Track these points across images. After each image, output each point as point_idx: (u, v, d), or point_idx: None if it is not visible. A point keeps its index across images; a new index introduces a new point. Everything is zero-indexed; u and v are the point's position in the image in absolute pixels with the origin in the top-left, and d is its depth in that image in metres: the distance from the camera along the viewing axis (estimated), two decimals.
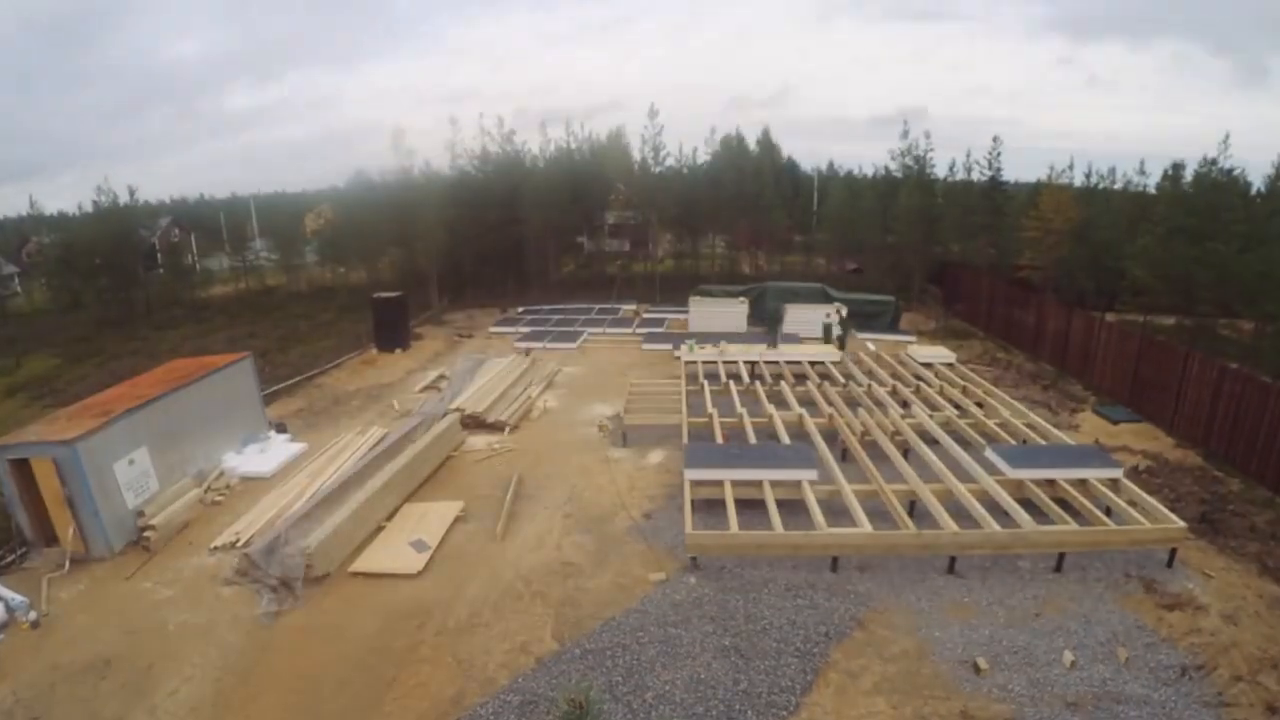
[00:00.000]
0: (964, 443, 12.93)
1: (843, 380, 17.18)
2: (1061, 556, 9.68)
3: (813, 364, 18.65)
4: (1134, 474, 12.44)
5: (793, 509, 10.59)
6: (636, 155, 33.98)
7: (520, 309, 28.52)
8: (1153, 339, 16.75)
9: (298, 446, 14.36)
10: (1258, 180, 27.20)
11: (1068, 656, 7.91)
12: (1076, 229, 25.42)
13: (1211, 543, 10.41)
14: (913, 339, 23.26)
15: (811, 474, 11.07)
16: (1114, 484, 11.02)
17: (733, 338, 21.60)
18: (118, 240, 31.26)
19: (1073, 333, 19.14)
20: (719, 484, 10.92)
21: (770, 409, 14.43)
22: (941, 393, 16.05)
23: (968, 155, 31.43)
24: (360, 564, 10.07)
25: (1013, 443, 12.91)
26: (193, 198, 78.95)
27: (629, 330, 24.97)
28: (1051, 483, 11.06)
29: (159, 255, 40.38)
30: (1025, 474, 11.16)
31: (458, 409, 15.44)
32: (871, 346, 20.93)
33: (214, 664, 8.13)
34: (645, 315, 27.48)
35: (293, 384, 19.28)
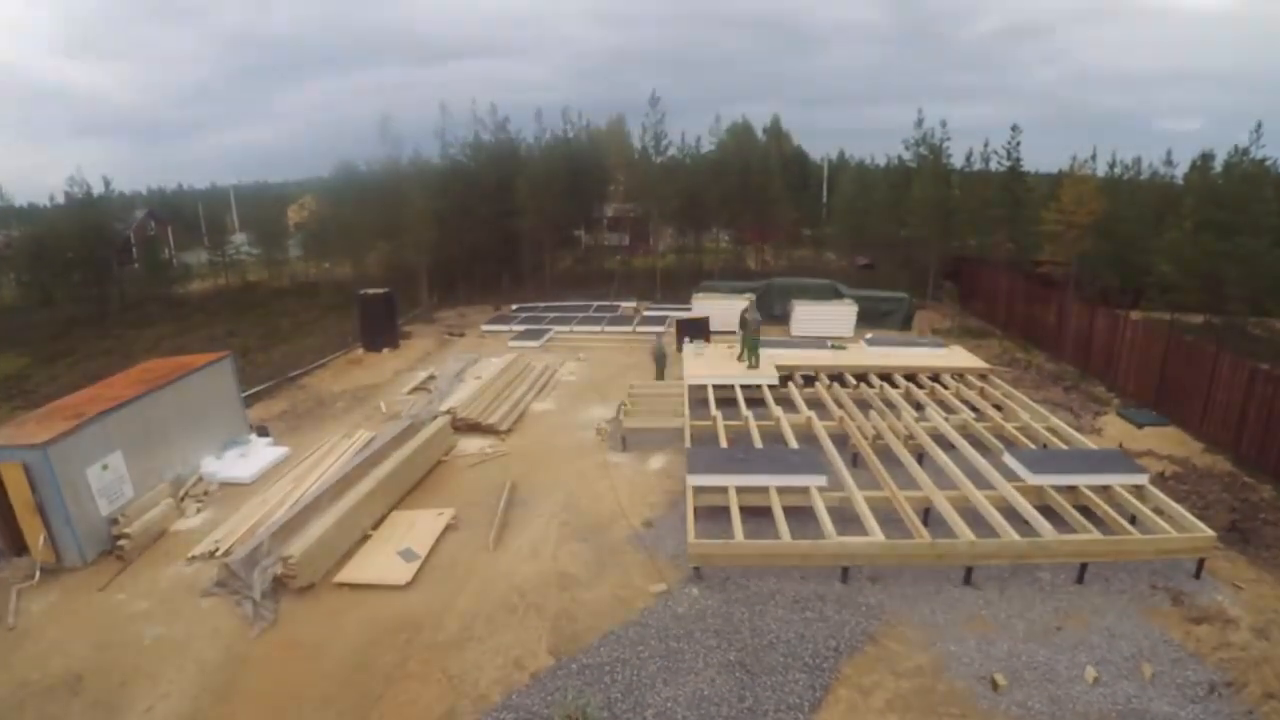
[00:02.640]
0: (981, 447, 12.94)
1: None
2: (1084, 567, 9.67)
3: None
4: (1160, 480, 12.43)
5: (801, 517, 10.59)
6: (637, 144, 34.06)
7: (514, 306, 28.51)
8: (1180, 338, 16.74)
9: (280, 451, 14.36)
10: None
11: (1090, 672, 7.91)
12: (1100, 222, 25.43)
13: (1242, 553, 10.40)
14: (933, 344, 22.86)
15: (820, 480, 11.07)
16: (1139, 491, 11.01)
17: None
18: (91, 233, 31.33)
19: (1096, 332, 19.13)
20: (723, 490, 10.92)
21: (777, 411, 14.43)
22: (958, 394, 16.04)
23: (985, 144, 31.44)
24: (346, 574, 10.07)
25: (1033, 447, 12.91)
26: (170, 188, 79.11)
27: (629, 329, 24.98)
28: (1073, 489, 11.06)
29: (134, 249, 40.45)
30: (1045, 480, 11.15)
31: (448, 411, 15.44)
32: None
33: (191, 680, 8.13)
34: (646, 313, 27.47)
35: (275, 385, 19.29)
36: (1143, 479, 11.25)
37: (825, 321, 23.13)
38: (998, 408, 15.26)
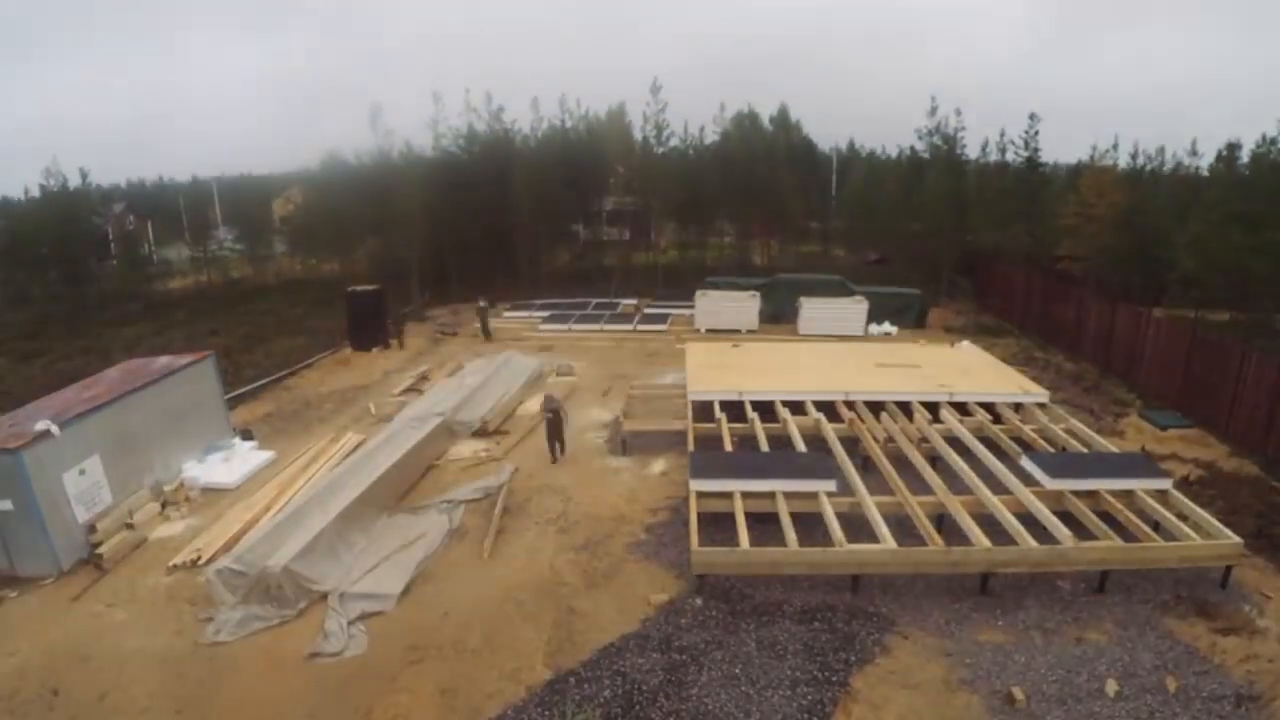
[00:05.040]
0: (997, 451, 12.93)
1: None
2: (1104, 575, 9.67)
3: None
4: (1184, 485, 12.42)
5: (809, 523, 10.59)
6: (638, 134, 34.03)
7: (508, 305, 28.51)
8: (1205, 336, 16.73)
9: (265, 455, 14.37)
10: None
11: (1111, 686, 7.91)
12: (1121, 215, 25.41)
13: (1270, 561, 10.39)
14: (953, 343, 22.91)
15: (830, 485, 11.07)
16: (1162, 496, 11.01)
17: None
18: (67, 228, 31.28)
19: (1117, 329, 19.12)
20: (728, 496, 10.91)
21: (784, 413, 14.40)
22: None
23: (1001, 134, 31.46)
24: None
25: (1051, 450, 12.90)
26: (150, 180, 79.06)
27: (629, 327, 25.02)
28: (1093, 494, 11.05)
29: (112, 245, 40.41)
30: (1065, 485, 11.14)
31: (441, 413, 15.44)
32: None
33: (172, 694, 8.13)
34: (646, 310, 27.50)
35: (259, 386, 19.29)
36: (1166, 484, 11.25)
37: (834, 319, 23.16)
38: (1015, 408, 15.23)
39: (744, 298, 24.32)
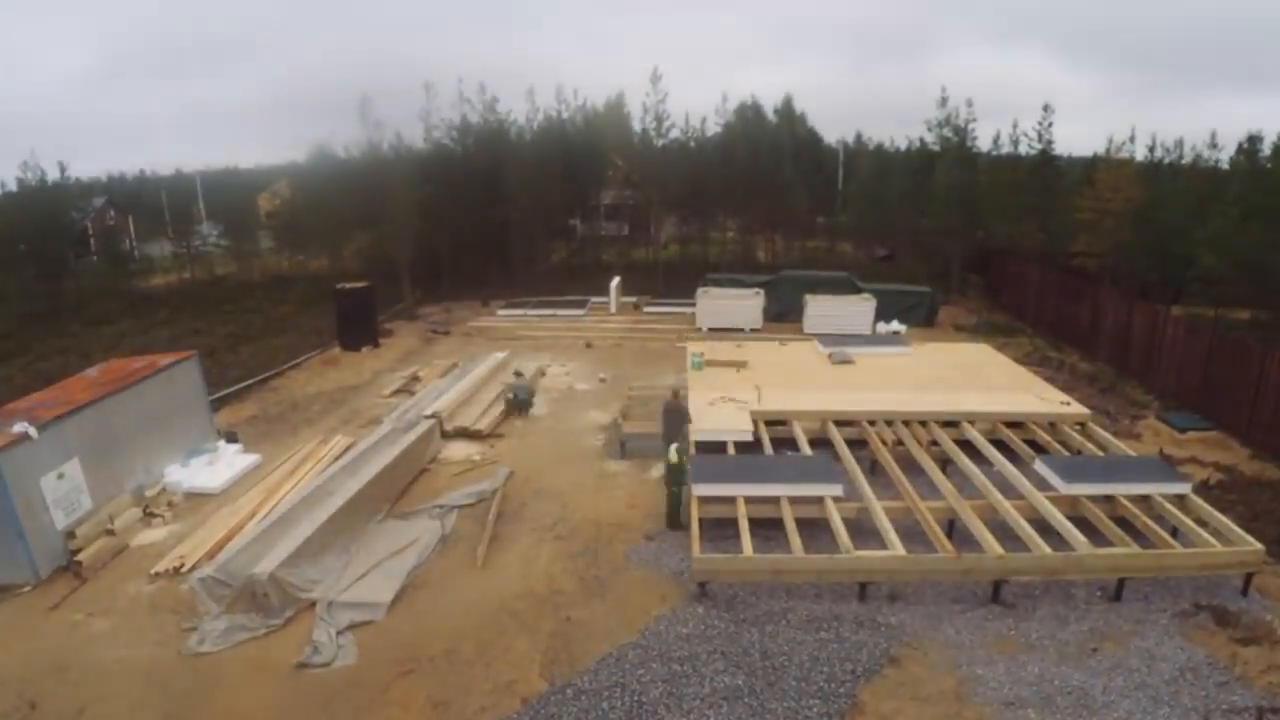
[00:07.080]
0: (1010, 454, 12.93)
1: None
2: (1121, 583, 9.67)
3: None
4: (1203, 489, 12.43)
5: (814, 529, 10.59)
6: (637, 126, 34.09)
7: (502, 304, 28.49)
8: (1225, 335, 16.75)
9: (250, 458, 14.37)
10: None
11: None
12: (1138, 210, 25.41)
13: None
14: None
15: (836, 489, 11.08)
16: (1181, 501, 11.01)
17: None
18: (45, 224, 31.32)
19: (1134, 328, 19.13)
20: (730, 501, 10.91)
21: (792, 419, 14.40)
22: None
23: (1014, 126, 31.53)
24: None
25: (1066, 454, 12.91)
26: (131, 174, 79.14)
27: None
28: (1110, 499, 11.06)
29: (92, 241, 40.45)
30: (1080, 489, 11.15)
31: (433, 415, 15.45)
32: None
33: (155, 706, 8.12)
34: (647, 309, 27.51)
35: (245, 387, 19.29)
36: (1185, 488, 11.26)
37: (841, 318, 23.16)
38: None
39: (747, 295, 24.33)
